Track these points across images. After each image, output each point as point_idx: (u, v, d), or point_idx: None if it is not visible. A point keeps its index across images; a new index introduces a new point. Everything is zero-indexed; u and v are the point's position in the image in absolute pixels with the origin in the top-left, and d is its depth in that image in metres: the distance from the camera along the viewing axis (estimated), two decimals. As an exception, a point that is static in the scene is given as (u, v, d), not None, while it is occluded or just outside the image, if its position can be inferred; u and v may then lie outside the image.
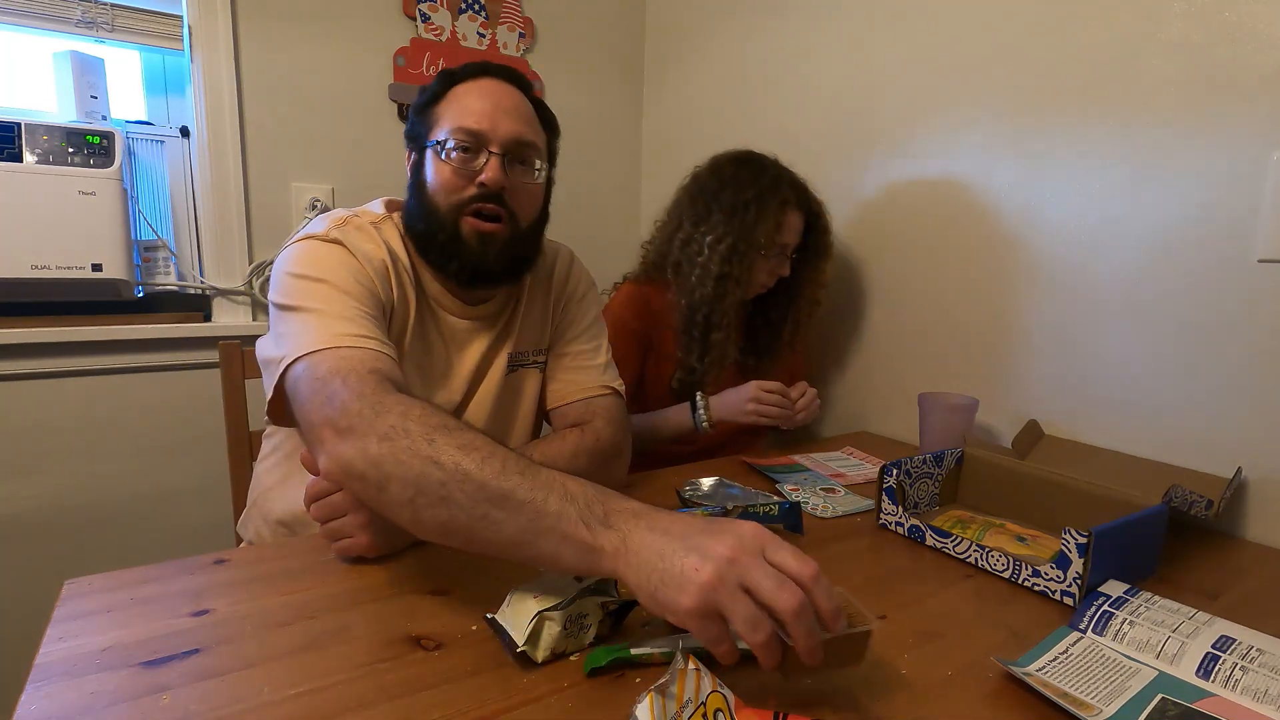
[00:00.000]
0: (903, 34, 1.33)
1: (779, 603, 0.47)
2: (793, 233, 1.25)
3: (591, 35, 1.92)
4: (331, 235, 0.82)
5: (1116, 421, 1.07)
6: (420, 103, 0.90)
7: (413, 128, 0.91)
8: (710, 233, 1.22)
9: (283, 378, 0.73)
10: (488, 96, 0.86)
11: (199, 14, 1.41)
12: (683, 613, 0.48)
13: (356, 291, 0.79)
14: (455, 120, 0.85)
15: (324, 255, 0.80)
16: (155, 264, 1.52)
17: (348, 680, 0.54)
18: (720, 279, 1.21)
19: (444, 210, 0.85)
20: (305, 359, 0.71)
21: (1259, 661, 0.58)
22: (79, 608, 0.63)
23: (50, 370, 1.35)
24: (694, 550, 0.49)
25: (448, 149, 0.84)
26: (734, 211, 1.21)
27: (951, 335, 1.29)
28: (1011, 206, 1.18)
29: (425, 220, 0.87)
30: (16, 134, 1.25)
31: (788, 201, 1.23)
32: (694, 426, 1.21)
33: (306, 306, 0.76)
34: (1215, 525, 0.93)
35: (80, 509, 1.40)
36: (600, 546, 0.53)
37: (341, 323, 0.74)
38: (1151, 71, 0.99)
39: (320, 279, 0.78)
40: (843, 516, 0.93)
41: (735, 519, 0.55)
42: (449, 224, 0.85)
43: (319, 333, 0.73)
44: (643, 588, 0.51)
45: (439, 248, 0.86)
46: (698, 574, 0.48)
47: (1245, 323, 0.93)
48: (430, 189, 0.86)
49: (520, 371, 0.99)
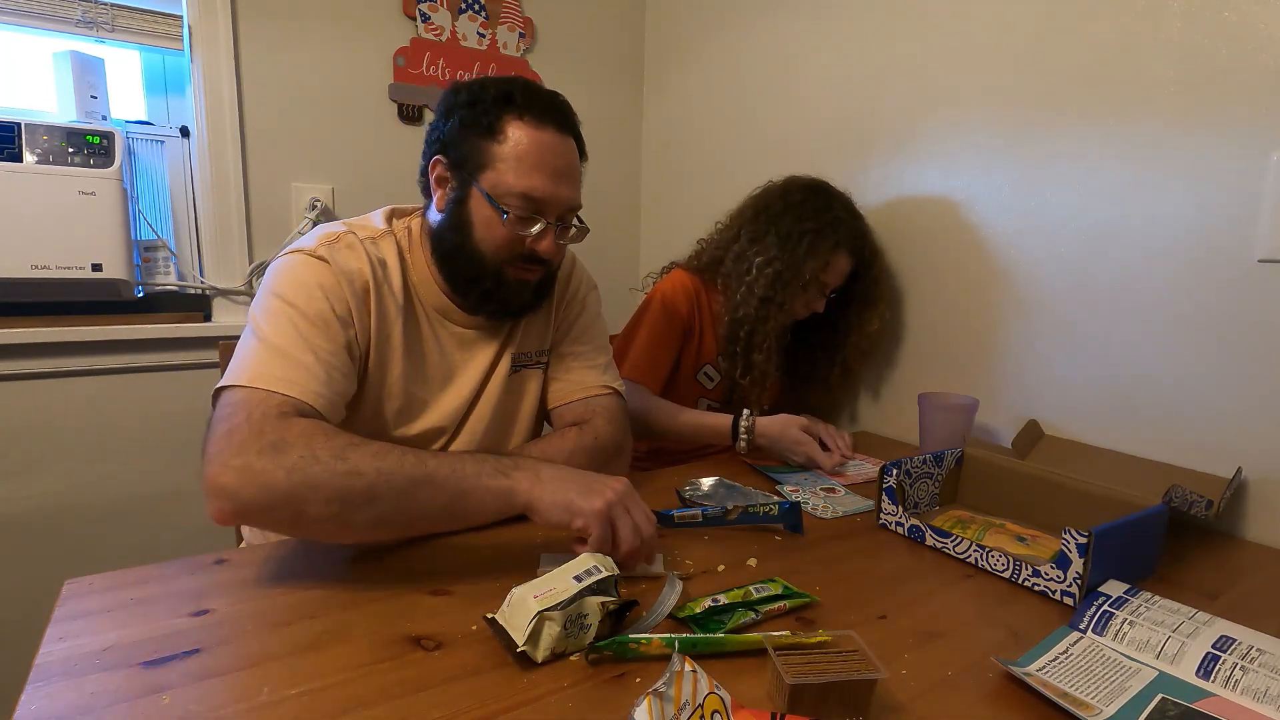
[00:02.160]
0: (903, 34, 1.33)
1: (643, 530, 0.71)
2: (837, 275, 1.25)
3: (591, 35, 1.92)
4: (319, 252, 0.82)
5: (1116, 421, 1.07)
6: (467, 121, 0.84)
7: (455, 148, 0.85)
8: (761, 254, 1.23)
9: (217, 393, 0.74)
10: (549, 154, 0.84)
11: (199, 14, 1.41)
12: (592, 512, 0.68)
13: (321, 321, 0.78)
14: (518, 180, 0.82)
15: (305, 276, 0.80)
16: (155, 264, 1.52)
17: (348, 680, 0.54)
18: (764, 301, 1.22)
19: (490, 262, 0.86)
20: (229, 389, 0.73)
21: (1259, 661, 0.58)
22: (79, 608, 0.63)
23: (50, 370, 1.35)
24: (597, 481, 0.72)
25: (509, 211, 0.83)
26: (788, 239, 1.22)
27: (951, 335, 1.29)
28: (1011, 206, 1.18)
29: (468, 264, 0.86)
30: (16, 134, 1.25)
31: (841, 244, 1.23)
32: (733, 444, 1.20)
33: (265, 335, 0.76)
34: (1215, 525, 0.93)
35: (80, 509, 1.40)
36: (515, 485, 0.70)
37: (280, 362, 0.74)
38: (1151, 71, 0.99)
39: (291, 304, 0.78)
40: (843, 517, 0.93)
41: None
42: (493, 272, 0.86)
43: (257, 368, 0.73)
44: (558, 502, 0.69)
45: (481, 291, 0.88)
46: (605, 490, 0.71)
47: (1245, 323, 0.93)
48: (478, 238, 0.85)
49: (523, 372, 0.99)
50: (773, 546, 0.82)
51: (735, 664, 0.57)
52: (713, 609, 0.64)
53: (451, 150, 0.85)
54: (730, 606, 0.65)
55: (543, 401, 1.02)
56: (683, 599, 0.66)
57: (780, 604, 0.66)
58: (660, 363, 1.27)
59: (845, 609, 0.68)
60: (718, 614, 0.64)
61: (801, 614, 0.67)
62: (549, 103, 0.86)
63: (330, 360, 0.77)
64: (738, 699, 0.48)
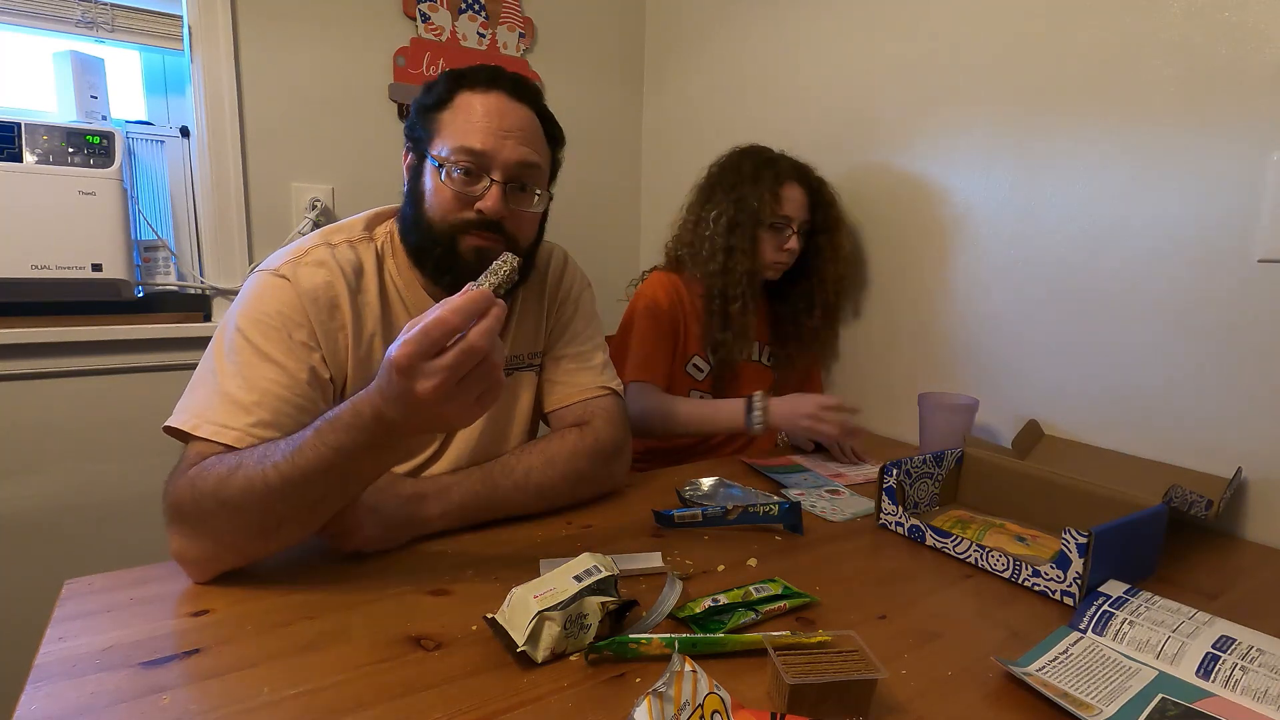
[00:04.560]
0: (903, 34, 1.33)
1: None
2: (794, 205, 1.28)
3: (591, 35, 1.92)
4: (282, 270, 0.81)
5: (1116, 421, 1.07)
6: (424, 103, 0.86)
7: (413, 128, 0.87)
8: (714, 209, 1.30)
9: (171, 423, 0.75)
10: (495, 114, 0.83)
11: (199, 14, 1.41)
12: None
13: (278, 345, 0.77)
14: (459, 138, 0.81)
15: (267, 303, 0.79)
16: (155, 264, 1.52)
17: (347, 680, 0.54)
18: (727, 251, 1.27)
19: (439, 229, 0.83)
20: (176, 430, 0.74)
21: (1259, 661, 0.58)
22: (79, 608, 0.63)
23: (50, 370, 1.35)
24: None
25: (449, 169, 0.82)
26: (734, 188, 1.29)
27: (951, 335, 1.29)
28: (1011, 206, 1.18)
29: (420, 234, 0.85)
30: (16, 134, 1.25)
31: (783, 175, 1.28)
32: (746, 425, 1.20)
33: (217, 368, 0.76)
34: (1215, 525, 0.93)
35: (80, 509, 1.40)
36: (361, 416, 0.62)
37: (222, 405, 0.73)
38: (1151, 71, 0.99)
39: (248, 339, 0.77)
40: (852, 519, 0.93)
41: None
42: (445, 240, 0.84)
43: (200, 409, 0.73)
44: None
45: (434, 261, 0.85)
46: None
47: (1245, 323, 0.93)
48: (427, 205, 0.84)
49: (516, 374, 0.99)
50: (773, 546, 0.82)
51: (735, 664, 0.57)
52: (713, 609, 0.64)
53: (411, 134, 0.88)
54: (730, 606, 0.65)
55: (538, 403, 1.02)
56: (683, 599, 0.66)
57: (780, 604, 0.66)
58: (659, 360, 1.28)
59: (845, 609, 0.68)
60: (718, 614, 0.64)
61: (801, 614, 0.67)
62: (498, 72, 0.86)
63: (281, 395, 0.75)
64: (738, 699, 0.48)
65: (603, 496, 0.95)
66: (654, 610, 0.64)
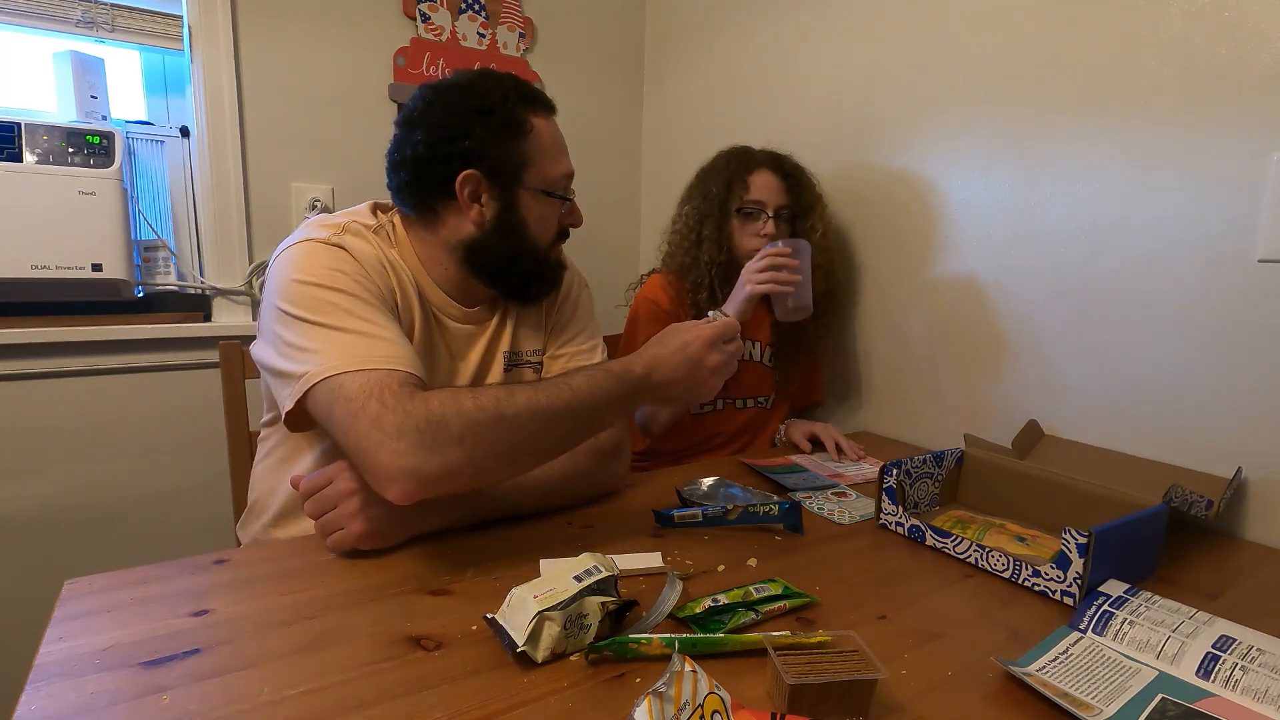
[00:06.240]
0: (903, 33, 1.33)
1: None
2: (766, 190, 1.28)
3: (591, 35, 1.92)
4: (334, 240, 0.81)
5: (1116, 421, 1.07)
6: (500, 132, 0.85)
7: (492, 161, 0.85)
8: (686, 205, 1.34)
9: (306, 394, 0.72)
10: (561, 138, 0.92)
11: (199, 14, 1.41)
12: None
13: (370, 299, 0.78)
14: (557, 165, 0.90)
15: (330, 262, 0.78)
16: (155, 264, 1.52)
17: (348, 680, 0.54)
18: (696, 243, 1.29)
19: (542, 250, 0.91)
20: (331, 380, 0.70)
21: (1259, 661, 0.58)
22: (79, 608, 0.63)
23: (50, 370, 1.35)
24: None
25: (565, 199, 0.91)
26: (703, 182, 1.32)
27: (951, 334, 1.29)
28: (1011, 206, 1.18)
29: (530, 261, 0.91)
30: (16, 134, 1.25)
31: (753, 163, 1.29)
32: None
33: (324, 322, 0.74)
34: (1215, 525, 0.93)
35: (80, 509, 1.40)
36: (631, 373, 0.78)
37: (363, 342, 0.73)
38: (1151, 71, 0.99)
39: (333, 287, 0.76)
40: (860, 521, 0.92)
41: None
42: (545, 258, 0.93)
43: (343, 353, 0.72)
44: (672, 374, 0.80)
45: (538, 278, 0.94)
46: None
47: (1245, 323, 0.93)
48: (534, 234, 0.90)
49: (516, 371, 0.99)
50: (773, 546, 0.82)
51: (735, 664, 0.57)
52: (713, 609, 0.64)
53: (482, 161, 0.84)
54: (730, 606, 0.65)
55: None
56: (683, 599, 0.66)
57: (780, 604, 0.66)
58: None
59: (845, 609, 0.68)
60: (718, 614, 0.64)
61: (801, 614, 0.67)
62: (541, 93, 0.92)
63: (399, 330, 0.78)
64: (738, 699, 0.48)
65: (603, 496, 0.95)
66: (654, 610, 0.64)
